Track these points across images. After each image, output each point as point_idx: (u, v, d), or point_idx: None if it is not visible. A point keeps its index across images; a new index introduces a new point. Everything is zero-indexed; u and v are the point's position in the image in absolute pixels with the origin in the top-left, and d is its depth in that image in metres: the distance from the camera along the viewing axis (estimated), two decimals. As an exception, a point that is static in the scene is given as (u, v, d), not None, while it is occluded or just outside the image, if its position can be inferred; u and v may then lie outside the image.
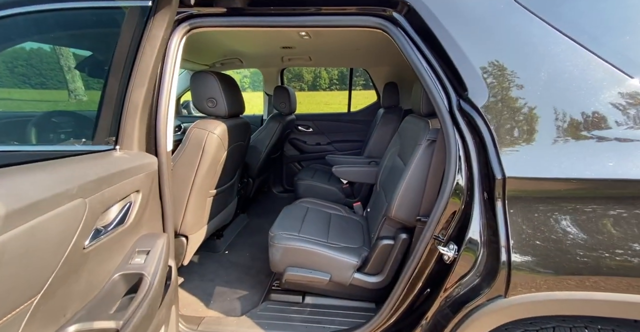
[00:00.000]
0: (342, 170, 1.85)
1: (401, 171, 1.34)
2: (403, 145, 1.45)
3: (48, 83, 1.63)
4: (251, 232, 2.19)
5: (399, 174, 1.33)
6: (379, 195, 1.56)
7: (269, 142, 2.20)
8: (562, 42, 0.78)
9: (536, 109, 0.77)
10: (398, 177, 1.32)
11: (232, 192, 1.75)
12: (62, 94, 1.65)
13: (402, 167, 1.35)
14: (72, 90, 1.56)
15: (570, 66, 0.77)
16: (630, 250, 0.72)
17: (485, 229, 0.81)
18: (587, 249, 0.73)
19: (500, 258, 0.76)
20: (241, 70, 15.63)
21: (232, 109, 1.39)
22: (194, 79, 1.30)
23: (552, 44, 0.78)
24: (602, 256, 0.73)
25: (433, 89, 0.91)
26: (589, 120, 0.76)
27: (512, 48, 0.81)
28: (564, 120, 0.76)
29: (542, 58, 0.79)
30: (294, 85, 21.97)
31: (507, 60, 0.81)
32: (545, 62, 0.78)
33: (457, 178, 0.86)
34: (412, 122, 1.40)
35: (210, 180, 1.34)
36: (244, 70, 20.19)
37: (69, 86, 1.52)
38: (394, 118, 2.07)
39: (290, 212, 1.62)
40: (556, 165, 0.73)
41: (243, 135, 1.58)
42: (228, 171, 1.53)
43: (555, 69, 0.77)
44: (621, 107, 0.76)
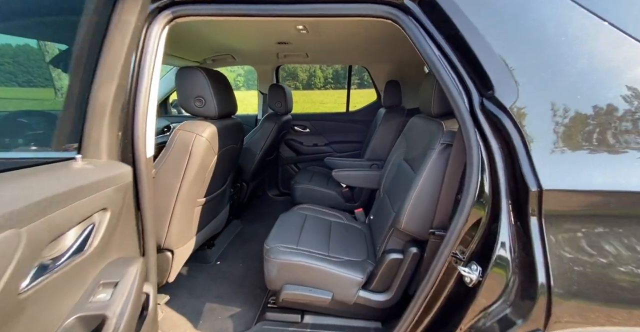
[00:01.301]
0: (342, 174, 1.73)
1: (408, 176, 1.22)
2: (410, 149, 1.34)
3: (35, 81, 1.51)
4: (245, 239, 2.05)
5: (407, 180, 1.21)
6: (383, 201, 1.44)
7: (263, 144, 2.07)
8: (610, 32, 0.66)
9: (581, 107, 0.66)
10: (406, 183, 1.20)
11: (224, 199, 1.62)
12: (49, 92, 1.54)
13: (409, 172, 1.24)
14: (59, 88, 1.43)
15: (618, 59, 0.66)
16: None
17: (516, 248, 0.70)
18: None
19: (538, 283, 0.65)
20: (235, 69, 15.24)
21: (223, 109, 1.25)
22: (180, 75, 1.17)
23: (597, 35, 0.67)
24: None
25: (451, 87, 0.79)
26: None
27: (547, 39, 0.70)
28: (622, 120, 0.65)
29: (584, 50, 0.68)
30: (288, 84, 21.97)
31: (541, 52, 0.70)
32: (588, 54, 0.67)
33: (479, 188, 0.75)
34: (420, 124, 1.29)
35: (198, 187, 1.21)
36: (238, 69, 20.07)
37: (55, 84, 1.41)
38: (397, 118, 1.95)
39: (287, 221, 1.50)
40: (609, 174, 0.62)
41: (235, 138, 1.45)
42: (219, 177, 1.40)
43: (601, 62, 0.66)
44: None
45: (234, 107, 1.39)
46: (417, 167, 1.13)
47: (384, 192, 1.49)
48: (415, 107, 2.40)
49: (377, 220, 1.44)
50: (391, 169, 1.51)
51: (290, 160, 2.79)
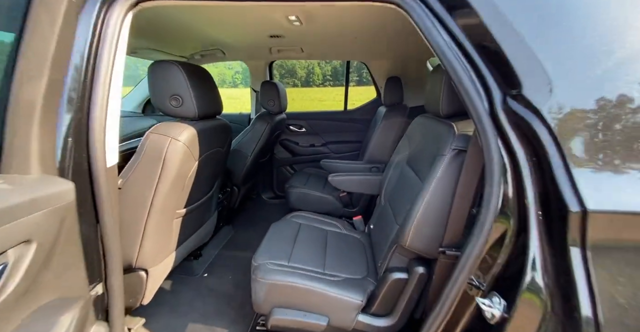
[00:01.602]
0: (339, 179, 1.59)
1: (412, 183, 1.09)
2: (414, 152, 1.20)
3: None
4: (236, 248, 1.92)
5: (411, 188, 1.08)
6: (384, 210, 1.30)
7: (255, 146, 1.93)
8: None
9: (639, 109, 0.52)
10: (410, 191, 1.07)
11: (210, 206, 1.48)
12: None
13: (413, 179, 1.10)
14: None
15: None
16: None
17: (551, 281, 0.57)
18: None
19: (582, 328, 0.52)
20: (233, 66, 15.09)
21: (204, 109, 1.11)
22: (152, 71, 1.02)
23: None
24: None
25: (467, 83, 0.66)
26: None
27: (590, 22, 0.56)
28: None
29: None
30: (287, 82, 21.71)
31: (585, 41, 0.56)
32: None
33: (501, 204, 0.62)
34: (427, 125, 1.15)
35: (176, 198, 1.07)
36: (236, 66, 19.70)
37: None
38: (399, 117, 1.81)
39: (279, 231, 1.36)
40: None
41: (221, 140, 1.31)
42: (202, 184, 1.26)
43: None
44: None
45: (218, 107, 1.24)
46: (424, 174, 1.00)
47: (385, 200, 1.36)
48: (418, 105, 2.26)
49: (378, 231, 1.30)
50: (393, 174, 1.37)
51: (285, 161, 2.65)
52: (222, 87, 18.69)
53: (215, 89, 1.23)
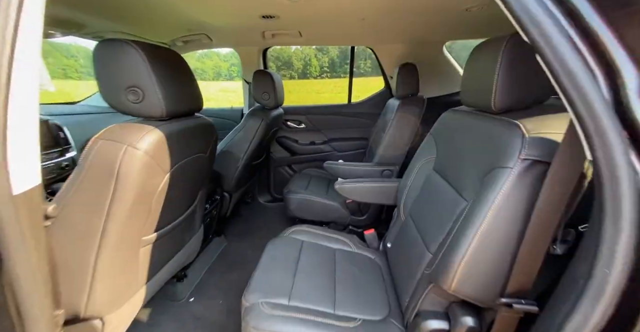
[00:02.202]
0: (349, 187, 1.34)
1: (447, 197, 0.84)
2: (448, 158, 0.94)
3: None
4: (229, 263, 1.68)
5: (445, 205, 0.83)
6: (406, 227, 1.06)
7: (248, 146, 1.66)
8: None
9: None
10: (444, 208, 0.82)
11: (193, 222, 1.22)
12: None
13: (448, 192, 0.86)
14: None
15: None
16: None
17: None
18: None
19: None
20: (229, 57, 14.53)
21: (175, 105, 0.85)
22: (98, 53, 0.76)
23: None
24: None
25: (571, 61, 0.41)
26: None
27: None
28: None
29: None
30: (283, 74, 21.33)
31: None
32: None
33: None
34: (467, 122, 0.88)
35: (141, 223, 0.82)
36: (232, 58, 19.27)
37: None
38: (415, 111, 1.55)
39: (277, 253, 1.12)
40: None
41: (202, 144, 1.05)
42: (178, 200, 1.01)
43: None
44: None
45: (195, 102, 0.98)
46: (469, 191, 0.75)
47: (405, 214, 1.11)
48: (437, 95, 2.00)
49: (398, 253, 1.06)
50: (414, 182, 1.12)
51: (283, 161, 2.39)
52: (217, 80, 18.22)
53: (191, 78, 0.96)
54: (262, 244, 1.39)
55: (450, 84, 1.99)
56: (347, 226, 1.79)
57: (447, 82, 1.99)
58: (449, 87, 1.99)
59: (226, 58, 22.05)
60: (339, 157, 2.31)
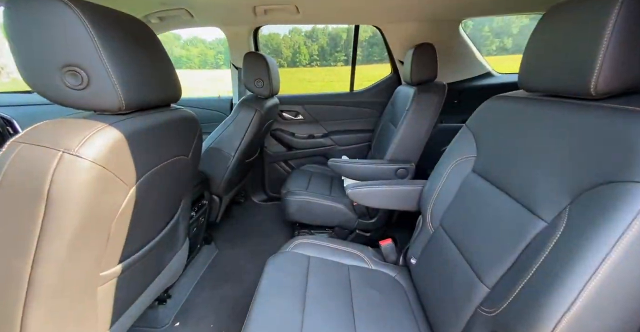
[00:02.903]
0: (363, 192, 1.13)
1: (507, 214, 0.65)
2: (502, 160, 0.74)
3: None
4: (220, 278, 1.47)
5: (506, 223, 0.64)
6: (439, 243, 0.87)
7: (240, 142, 1.43)
8: None
9: None
10: (505, 228, 0.63)
11: (175, 238, 1.00)
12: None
13: (503, 202, 0.67)
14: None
15: None
16: None
17: None
18: None
19: None
20: (215, 46, 13.80)
21: (141, 93, 0.62)
22: (11, 13, 0.51)
23: None
24: None
25: None
26: None
27: None
28: None
29: None
30: (272, 62, 20.59)
31: None
32: None
33: None
34: (537, 113, 0.66)
35: (93, 256, 0.59)
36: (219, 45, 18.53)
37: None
38: (435, 100, 1.33)
39: (280, 276, 0.91)
40: None
41: (182, 143, 0.82)
42: (153, 217, 0.78)
43: None
44: None
45: (171, 89, 0.74)
46: (549, 209, 0.55)
47: (437, 226, 0.92)
48: (452, 81, 1.78)
49: (430, 275, 0.87)
50: (446, 186, 0.92)
51: (279, 156, 2.16)
52: (204, 69, 17.49)
53: (164, 58, 0.72)
54: (258, 251, 1.18)
55: (467, 68, 1.78)
56: (354, 230, 1.60)
57: (464, 66, 1.78)
58: (465, 72, 1.78)
59: (212, 45, 21.22)
60: (341, 151, 2.10)
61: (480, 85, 1.77)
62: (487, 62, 1.81)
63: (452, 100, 1.78)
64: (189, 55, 27.70)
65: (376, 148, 1.76)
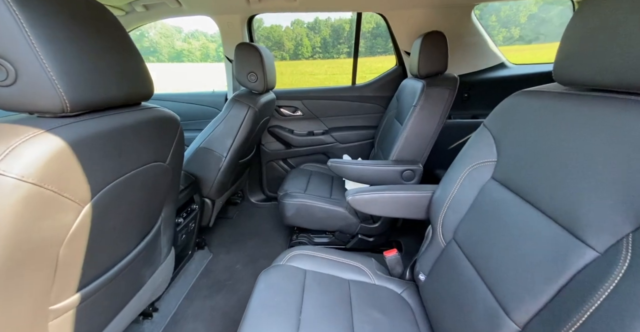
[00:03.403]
0: (365, 199, 1.01)
1: (535, 230, 0.54)
2: (532, 169, 0.62)
3: None
4: (213, 283, 1.38)
5: (540, 247, 0.53)
6: (453, 259, 0.76)
7: (232, 142, 1.32)
8: None
9: None
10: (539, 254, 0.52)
11: (154, 253, 0.90)
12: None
13: (535, 219, 0.56)
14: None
15: None
16: None
17: None
18: None
19: None
20: (217, 39, 14.24)
21: (92, 91, 0.50)
22: None
23: None
24: None
25: None
26: None
27: None
28: None
29: None
30: (275, 55, 20.53)
31: None
32: None
33: None
34: (579, 111, 0.54)
35: (37, 289, 0.49)
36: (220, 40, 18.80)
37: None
38: (445, 94, 1.21)
39: (271, 294, 0.82)
40: None
41: (157, 147, 0.71)
42: (122, 235, 0.68)
43: None
44: None
45: (140, 85, 0.63)
46: (602, 234, 0.44)
47: (449, 239, 0.81)
48: (464, 73, 1.65)
49: (443, 297, 0.76)
50: (460, 194, 0.81)
51: (277, 155, 2.05)
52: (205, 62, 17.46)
53: (129, 49, 0.60)
54: (254, 255, 1.07)
55: (479, 59, 1.64)
56: (355, 235, 1.49)
57: (475, 57, 1.64)
58: (477, 63, 1.64)
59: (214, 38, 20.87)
60: (342, 149, 1.98)
61: (493, 78, 1.63)
62: (501, 52, 1.67)
63: (461, 94, 1.65)
64: (191, 49, 27.48)
65: (380, 146, 1.64)
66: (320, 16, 25.41)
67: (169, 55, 24.60)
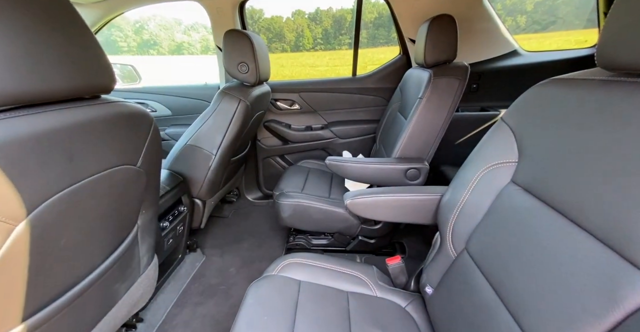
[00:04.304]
0: (366, 203, 0.91)
1: (571, 248, 0.44)
2: (563, 172, 0.52)
3: None
4: (204, 289, 1.30)
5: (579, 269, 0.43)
6: (465, 273, 0.67)
7: (222, 138, 1.22)
8: None
9: None
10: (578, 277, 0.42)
11: (128, 266, 0.81)
12: None
13: (571, 235, 0.46)
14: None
15: None
16: None
17: None
18: None
19: None
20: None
21: (25, 80, 0.40)
22: None
23: None
24: None
25: None
26: None
27: None
28: None
29: None
30: (275, 46, 20.35)
31: None
32: None
33: None
34: (627, 101, 0.44)
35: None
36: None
37: None
38: (454, 85, 1.09)
39: (261, 310, 0.73)
40: None
41: (123, 148, 0.61)
42: (80, 254, 0.59)
43: None
44: None
45: (97, 73, 0.53)
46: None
47: (461, 249, 0.71)
48: (475, 61, 1.52)
49: (454, 315, 0.67)
50: (473, 197, 0.70)
51: (274, 151, 1.95)
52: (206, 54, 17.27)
53: (82, 33, 0.50)
54: (249, 258, 0.98)
55: (490, 46, 1.51)
56: (356, 236, 1.40)
57: (486, 44, 1.51)
58: (488, 50, 1.52)
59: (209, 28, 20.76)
60: (343, 145, 1.88)
61: (504, 67, 1.50)
62: (514, 39, 1.54)
63: (469, 84, 1.53)
64: (191, 41, 27.10)
65: (382, 142, 1.53)
66: (321, 6, 24.84)
67: (170, 48, 24.29)
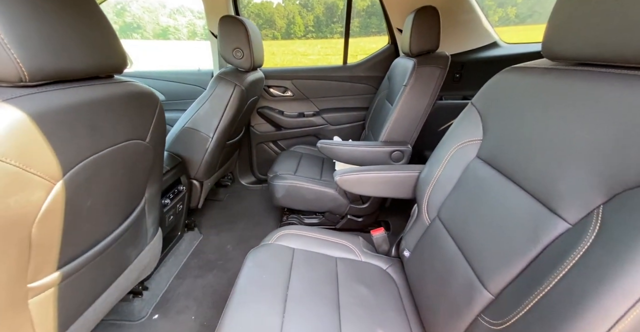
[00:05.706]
0: (352, 179, 1.01)
1: (513, 204, 0.55)
2: (514, 145, 0.62)
3: None
4: (203, 264, 1.39)
5: (516, 219, 0.54)
6: (436, 236, 0.78)
7: (219, 121, 1.29)
8: None
9: None
10: (514, 226, 0.53)
11: (139, 233, 0.89)
12: None
13: (513, 194, 0.57)
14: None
15: None
16: None
17: None
18: None
19: None
20: (204, 16, 13.60)
21: (56, 58, 0.47)
22: None
23: None
24: None
25: None
26: None
27: None
28: None
29: None
30: (265, 33, 19.86)
31: None
32: None
33: None
34: (567, 87, 0.53)
35: (10, 267, 0.48)
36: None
37: None
38: (436, 73, 1.18)
39: (259, 272, 0.83)
40: None
41: (135, 124, 0.68)
42: (102, 214, 0.66)
43: None
44: None
45: (112, 55, 0.59)
46: (574, 207, 0.44)
47: (434, 216, 0.82)
48: (457, 52, 1.61)
49: (425, 271, 0.78)
50: (445, 172, 0.81)
51: (267, 136, 2.02)
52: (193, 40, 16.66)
53: (98, 17, 0.56)
54: (244, 236, 1.07)
55: (471, 37, 1.60)
56: (345, 215, 1.51)
57: (467, 35, 1.60)
58: (469, 41, 1.60)
59: (201, 15, 20.02)
60: (334, 131, 1.96)
61: (485, 57, 1.60)
62: (494, 31, 1.63)
63: (452, 74, 1.62)
64: (177, 25, 26.07)
65: (370, 128, 1.62)
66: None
67: (154, 32, 23.37)
